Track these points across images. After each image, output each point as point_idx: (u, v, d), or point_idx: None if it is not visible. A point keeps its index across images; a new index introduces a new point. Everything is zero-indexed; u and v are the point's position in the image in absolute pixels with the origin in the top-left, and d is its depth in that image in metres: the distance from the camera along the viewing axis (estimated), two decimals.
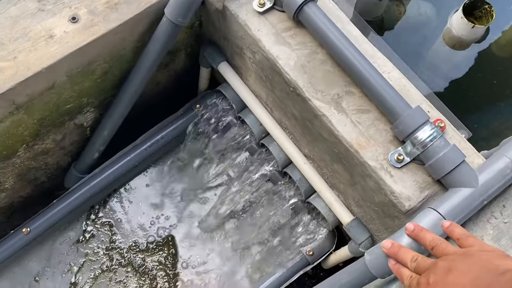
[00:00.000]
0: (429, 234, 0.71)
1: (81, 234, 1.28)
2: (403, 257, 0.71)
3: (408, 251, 0.71)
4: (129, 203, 1.30)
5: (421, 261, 0.67)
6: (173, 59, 1.19)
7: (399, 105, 0.81)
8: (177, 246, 1.27)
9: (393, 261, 0.73)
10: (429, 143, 0.78)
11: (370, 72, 0.83)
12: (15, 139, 1.00)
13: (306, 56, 0.90)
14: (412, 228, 0.73)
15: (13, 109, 0.91)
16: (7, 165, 1.06)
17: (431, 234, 0.71)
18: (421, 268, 0.67)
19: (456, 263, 0.62)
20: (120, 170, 1.23)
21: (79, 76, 0.97)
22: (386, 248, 0.74)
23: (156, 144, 1.25)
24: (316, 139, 0.96)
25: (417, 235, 0.72)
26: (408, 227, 0.74)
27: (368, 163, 0.83)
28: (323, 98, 0.87)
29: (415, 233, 0.73)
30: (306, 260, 1.15)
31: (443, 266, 0.63)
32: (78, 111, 1.08)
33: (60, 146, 1.16)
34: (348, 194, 0.99)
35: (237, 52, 1.04)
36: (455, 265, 0.62)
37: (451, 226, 0.72)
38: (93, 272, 1.25)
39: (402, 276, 0.70)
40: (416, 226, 0.73)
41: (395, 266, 0.72)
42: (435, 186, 0.82)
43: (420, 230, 0.72)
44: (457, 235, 0.69)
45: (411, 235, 0.73)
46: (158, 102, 1.32)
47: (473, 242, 0.66)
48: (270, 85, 0.99)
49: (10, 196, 1.19)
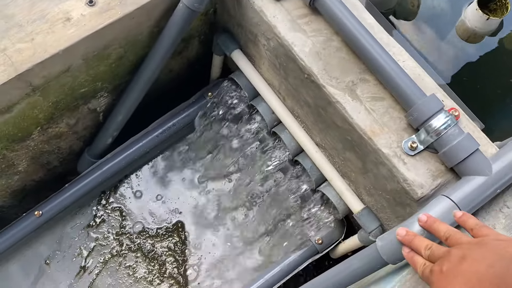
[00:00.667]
0: (442, 225, 0.70)
1: (91, 219, 1.29)
2: (418, 245, 0.70)
3: (423, 239, 0.71)
4: (139, 189, 1.31)
5: (435, 249, 0.67)
6: (186, 46, 1.19)
7: (414, 92, 0.81)
8: (186, 233, 1.28)
9: (407, 249, 0.73)
10: (443, 131, 0.78)
11: (386, 59, 0.83)
12: (30, 121, 1.01)
13: (321, 43, 0.90)
14: (425, 219, 0.73)
15: (30, 90, 0.92)
16: (21, 147, 1.07)
17: (445, 225, 0.70)
18: (435, 256, 0.67)
19: (471, 251, 0.62)
20: (131, 156, 1.24)
21: (95, 60, 0.98)
22: (400, 236, 0.73)
23: (168, 131, 1.26)
24: (329, 126, 0.96)
25: (430, 226, 0.72)
26: (421, 218, 0.73)
27: (381, 150, 0.83)
28: (337, 85, 0.87)
29: (428, 225, 0.72)
30: (315, 248, 1.16)
31: (457, 254, 0.62)
32: (92, 95, 1.09)
33: (73, 130, 1.17)
34: (359, 182, 1.00)
35: (251, 39, 1.05)
36: (469, 253, 0.61)
37: (463, 216, 0.71)
38: (103, 257, 1.27)
39: (415, 264, 0.70)
40: (429, 218, 0.73)
41: (409, 254, 0.72)
42: (448, 174, 0.82)
43: (434, 221, 0.72)
44: (470, 225, 0.68)
45: (424, 226, 0.73)
46: (171, 90, 1.33)
47: (487, 232, 0.66)
48: (283, 73, 0.99)
49: (23, 179, 1.20)
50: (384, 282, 0.82)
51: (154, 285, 1.24)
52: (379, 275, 0.88)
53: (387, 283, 0.80)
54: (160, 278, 1.25)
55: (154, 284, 1.25)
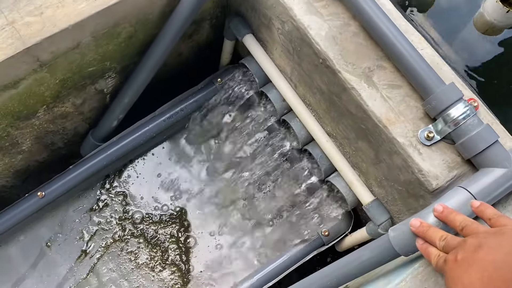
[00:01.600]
0: (459, 215, 0.68)
1: (94, 203, 1.27)
2: (432, 236, 0.68)
3: (437, 230, 0.69)
4: (144, 174, 1.29)
5: (450, 240, 0.65)
6: (197, 29, 1.17)
7: (433, 80, 0.79)
8: (190, 220, 1.26)
9: (421, 241, 0.71)
10: (462, 121, 0.76)
11: (405, 45, 0.80)
12: (36, 99, 0.99)
13: (338, 28, 0.87)
14: (440, 209, 0.70)
15: (37, 66, 0.90)
16: (26, 125, 1.05)
17: (461, 216, 0.68)
18: (450, 247, 0.65)
19: (487, 240, 0.60)
20: (137, 140, 1.22)
21: (104, 38, 0.95)
22: (414, 227, 0.71)
23: (175, 116, 1.23)
24: (342, 114, 0.93)
25: (446, 217, 0.70)
26: (436, 208, 0.71)
27: (396, 139, 0.81)
28: (353, 71, 0.85)
29: (444, 215, 0.70)
30: (321, 240, 1.14)
31: (472, 243, 0.61)
32: (100, 75, 1.06)
33: (79, 111, 1.15)
34: (370, 174, 0.97)
35: (265, 23, 1.02)
36: (486, 242, 0.60)
37: (481, 206, 0.69)
38: (105, 241, 1.25)
39: (429, 255, 0.68)
40: (445, 208, 0.70)
41: (423, 245, 0.70)
42: (464, 166, 0.80)
43: (450, 212, 0.69)
44: (488, 215, 0.66)
45: (439, 217, 0.71)
46: (179, 75, 1.31)
47: (506, 222, 0.63)
48: (297, 58, 0.97)
49: (27, 159, 1.18)
50: (394, 275, 0.79)
51: (156, 272, 1.22)
52: (387, 268, 0.86)
53: (398, 275, 0.77)
54: (162, 265, 1.23)
55: (156, 270, 1.23)
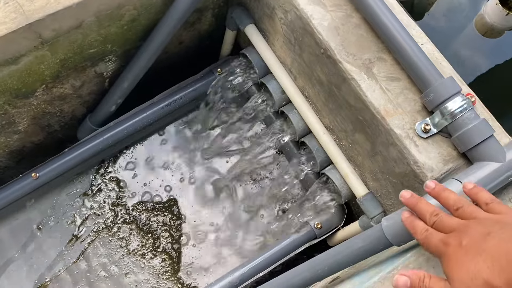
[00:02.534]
0: (453, 194, 0.64)
1: (88, 188, 1.27)
2: (423, 208, 0.64)
3: (429, 204, 0.64)
4: (139, 161, 1.29)
5: (445, 218, 0.61)
6: (199, 18, 1.17)
7: (432, 73, 0.79)
8: (183, 209, 1.26)
9: (407, 213, 0.66)
10: (459, 114, 0.77)
11: (405, 38, 0.81)
12: (35, 77, 0.99)
13: (341, 19, 0.88)
14: (432, 186, 0.66)
15: (38, 43, 0.90)
16: (24, 104, 1.05)
17: (455, 194, 0.64)
18: (444, 225, 0.60)
19: (496, 229, 0.56)
20: (134, 126, 1.22)
21: (107, 19, 0.96)
22: (404, 198, 0.66)
23: (174, 104, 1.24)
24: (340, 106, 0.94)
25: (438, 193, 0.65)
26: (428, 184, 0.66)
27: (393, 130, 0.82)
28: (354, 62, 0.85)
29: (436, 191, 0.65)
30: (313, 233, 1.14)
31: (479, 230, 0.57)
32: (101, 58, 1.06)
33: (78, 93, 1.15)
34: (365, 167, 0.98)
35: (267, 13, 1.03)
36: (495, 231, 0.56)
37: (475, 188, 0.65)
38: (97, 226, 1.24)
39: (415, 229, 0.63)
40: (437, 184, 0.66)
41: (408, 218, 0.65)
42: (460, 160, 0.81)
43: (443, 189, 0.65)
44: (485, 199, 0.62)
45: (431, 193, 0.66)
46: (179, 64, 1.31)
47: (504, 209, 0.60)
48: (298, 48, 0.98)
49: (22, 139, 1.18)
50: (385, 265, 0.80)
51: (147, 259, 1.22)
52: (380, 259, 0.86)
53: (389, 264, 0.78)
54: (154, 252, 1.23)
55: (147, 258, 1.22)
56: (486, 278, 0.53)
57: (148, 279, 1.21)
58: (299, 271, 0.90)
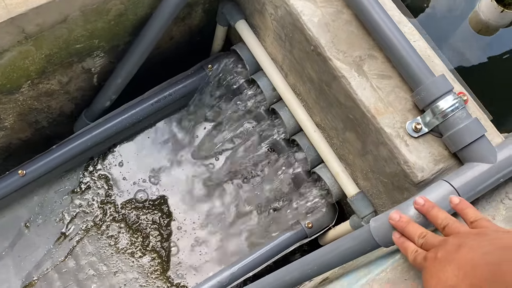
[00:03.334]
0: (441, 212, 0.66)
1: (77, 185, 1.25)
2: (411, 231, 0.67)
3: (417, 227, 0.67)
4: (129, 159, 1.27)
5: (430, 238, 0.64)
6: (190, 13, 1.15)
7: (423, 71, 0.78)
8: (173, 207, 1.25)
9: (397, 234, 0.69)
10: (450, 113, 0.75)
11: (396, 35, 0.79)
12: (20, 72, 0.97)
13: (331, 15, 0.86)
14: (422, 202, 0.68)
15: (22, 38, 0.88)
16: (9, 100, 1.03)
17: (444, 213, 0.66)
18: (429, 244, 0.64)
19: (468, 240, 0.59)
20: (123, 123, 1.20)
21: (93, 14, 0.93)
22: (393, 220, 0.69)
23: (163, 100, 1.22)
24: (331, 104, 0.93)
25: (427, 212, 0.68)
26: (417, 201, 0.69)
27: (384, 129, 0.80)
28: (344, 59, 0.84)
29: (425, 209, 0.68)
30: (304, 232, 1.13)
31: (453, 243, 0.60)
32: (88, 53, 1.04)
33: (65, 90, 1.12)
34: (356, 166, 0.97)
35: (258, 9, 1.01)
36: (466, 242, 0.59)
37: (461, 203, 0.67)
38: (85, 224, 1.23)
39: (406, 250, 0.67)
40: (426, 201, 0.68)
41: (400, 239, 0.68)
42: (451, 160, 0.79)
43: (432, 207, 0.67)
44: (470, 217, 0.64)
45: (420, 210, 0.69)
46: (169, 59, 1.29)
47: (487, 224, 0.63)
48: (289, 45, 0.96)
49: (9, 136, 1.16)
50: (374, 266, 0.79)
51: (136, 258, 1.21)
52: (369, 259, 0.85)
53: (378, 266, 0.77)
54: (143, 250, 1.21)
55: (136, 256, 1.21)
56: (452, 285, 0.56)
57: (137, 278, 1.19)
58: (288, 271, 0.89)
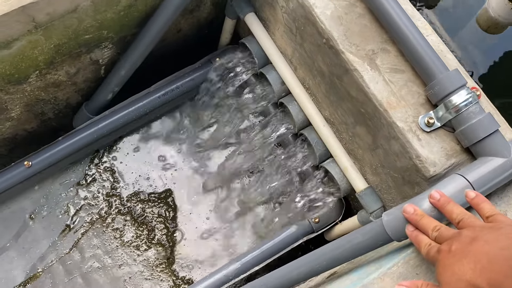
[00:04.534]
0: (456, 207, 0.66)
1: (82, 177, 1.25)
2: (425, 225, 0.66)
3: (431, 220, 0.67)
4: (135, 151, 1.27)
5: (444, 231, 0.64)
6: (198, 5, 1.14)
7: (437, 65, 0.77)
8: (179, 200, 1.24)
9: (411, 227, 0.69)
10: (464, 108, 0.75)
11: (410, 29, 0.79)
12: (29, 62, 0.96)
13: (344, 8, 0.86)
14: (437, 197, 0.68)
15: (32, 27, 0.87)
16: (17, 90, 1.02)
17: (459, 208, 0.66)
18: (443, 237, 0.63)
19: (483, 234, 0.59)
20: (130, 115, 1.19)
21: (103, 4, 0.93)
22: (407, 213, 0.69)
23: (171, 93, 1.21)
24: (341, 98, 0.92)
25: (443, 206, 0.67)
26: (433, 195, 0.69)
27: (396, 123, 0.80)
28: (357, 52, 0.83)
29: (441, 204, 0.68)
30: (311, 227, 1.13)
31: (468, 235, 0.60)
32: (96, 44, 1.04)
33: (73, 81, 1.12)
34: (366, 160, 0.96)
35: (268, 1, 1.00)
36: (482, 235, 0.59)
37: (477, 198, 0.67)
38: (90, 217, 1.22)
39: (419, 243, 0.67)
40: (442, 196, 0.68)
41: (413, 232, 0.68)
42: (463, 155, 0.79)
43: (447, 202, 0.67)
44: (486, 212, 0.64)
45: (435, 204, 0.68)
46: (177, 52, 1.28)
47: (503, 219, 0.62)
48: (299, 38, 0.95)
49: (15, 127, 1.15)
50: (385, 260, 0.78)
51: (141, 251, 1.20)
52: (379, 254, 0.85)
53: (389, 260, 0.76)
54: (148, 244, 1.21)
55: (141, 249, 1.20)
56: (469, 279, 0.56)
57: (142, 271, 1.19)
58: (296, 265, 0.89)
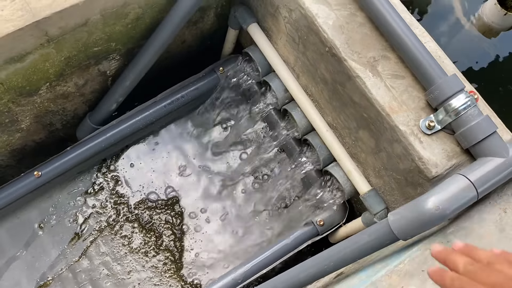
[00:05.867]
0: (460, 257, 0.58)
1: (90, 186, 1.27)
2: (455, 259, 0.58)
3: (461, 255, 0.59)
4: (141, 159, 1.29)
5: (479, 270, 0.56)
6: (202, 17, 1.18)
7: (436, 71, 0.81)
8: (185, 206, 1.27)
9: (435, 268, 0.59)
10: (463, 111, 0.78)
11: (410, 36, 0.83)
12: (40, 75, 0.99)
13: (345, 17, 0.90)
14: (439, 249, 0.60)
15: (45, 41, 0.90)
16: (28, 102, 1.05)
17: (463, 258, 0.58)
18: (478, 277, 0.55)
19: None
20: (136, 124, 1.22)
21: (112, 17, 0.96)
22: (436, 250, 0.60)
23: (176, 102, 1.24)
24: (344, 104, 0.95)
25: (446, 258, 0.60)
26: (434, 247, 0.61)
27: (398, 127, 0.83)
28: (359, 60, 0.87)
29: (444, 256, 0.60)
30: (316, 230, 1.15)
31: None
32: (105, 56, 1.07)
33: (81, 92, 1.15)
34: (369, 164, 0.99)
35: (271, 12, 1.04)
36: None
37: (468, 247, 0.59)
38: (99, 225, 1.24)
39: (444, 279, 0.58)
40: (443, 248, 0.60)
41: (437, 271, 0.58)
42: (463, 156, 0.82)
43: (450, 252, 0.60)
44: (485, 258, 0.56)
45: (437, 257, 0.61)
46: (181, 63, 1.32)
47: None
48: (302, 47, 0.99)
49: (25, 137, 1.18)
50: (391, 259, 0.81)
51: (149, 257, 1.22)
52: (384, 254, 0.88)
53: (395, 258, 0.79)
54: (156, 250, 1.23)
55: (149, 256, 1.23)
56: None
57: (151, 277, 1.21)
58: (304, 268, 0.91)
